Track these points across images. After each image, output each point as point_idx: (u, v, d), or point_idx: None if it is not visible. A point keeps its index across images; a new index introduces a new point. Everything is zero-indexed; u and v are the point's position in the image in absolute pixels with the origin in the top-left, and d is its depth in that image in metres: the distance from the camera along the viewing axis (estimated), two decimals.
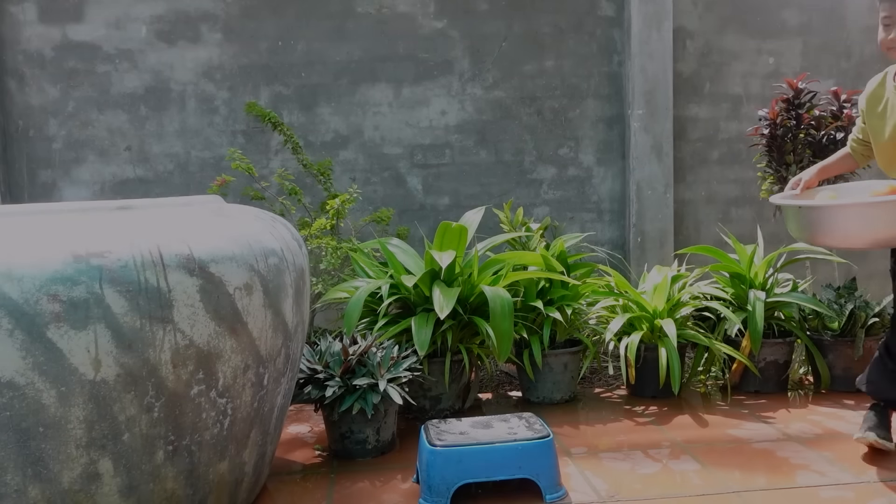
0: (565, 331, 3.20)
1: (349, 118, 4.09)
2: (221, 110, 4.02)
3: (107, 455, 1.70)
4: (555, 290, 3.16)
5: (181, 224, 1.85)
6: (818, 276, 4.19)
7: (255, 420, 2.01)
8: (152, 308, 1.69)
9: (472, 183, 4.18)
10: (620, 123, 4.24)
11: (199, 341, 1.77)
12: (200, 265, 1.78)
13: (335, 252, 3.37)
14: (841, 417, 2.87)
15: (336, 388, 2.45)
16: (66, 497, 1.68)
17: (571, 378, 3.18)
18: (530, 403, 3.17)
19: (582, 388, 3.40)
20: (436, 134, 4.15)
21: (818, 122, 3.42)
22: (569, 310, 3.12)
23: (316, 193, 3.95)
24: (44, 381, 1.60)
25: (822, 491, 2.20)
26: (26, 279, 1.58)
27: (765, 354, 3.20)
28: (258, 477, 2.17)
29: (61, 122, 3.96)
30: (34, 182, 3.97)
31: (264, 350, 1.96)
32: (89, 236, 1.70)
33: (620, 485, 2.28)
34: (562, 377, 3.14)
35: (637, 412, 3.02)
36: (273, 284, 1.97)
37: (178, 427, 1.79)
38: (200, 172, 4.02)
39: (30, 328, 1.58)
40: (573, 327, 3.23)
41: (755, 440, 2.65)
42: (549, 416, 2.96)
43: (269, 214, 2.24)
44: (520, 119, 4.18)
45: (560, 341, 3.21)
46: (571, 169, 4.25)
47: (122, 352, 1.66)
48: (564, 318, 3.10)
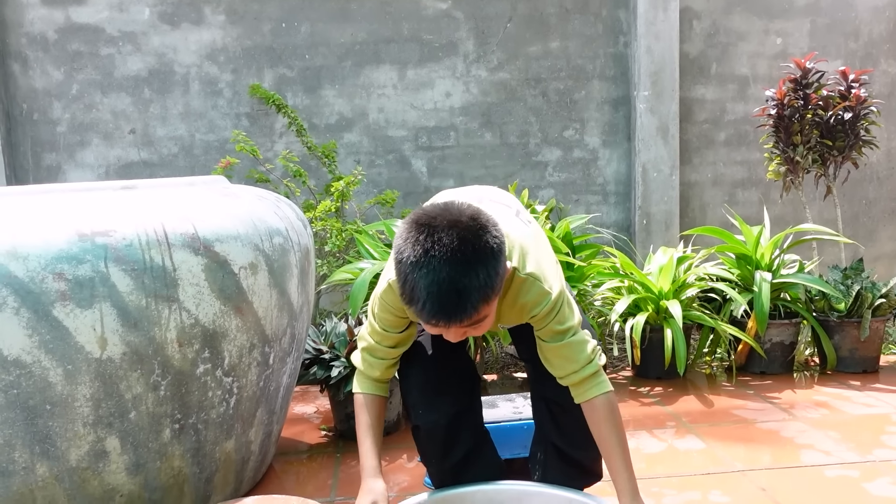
0: None
1: (353, 100, 4.07)
2: (225, 93, 4.01)
3: (114, 433, 1.71)
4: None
5: (185, 203, 1.85)
6: (825, 257, 4.17)
7: (261, 399, 2.02)
8: (157, 287, 1.69)
9: (476, 165, 4.17)
10: (626, 105, 4.21)
11: (204, 320, 1.77)
12: (205, 244, 1.77)
13: (340, 234, 3.36)
14: (847, 398, 2.87)
15: (342, 369, 2.45)
16: (73, 474, 1.69)
17: None
18: None
19: None
20: (440, 116, 4.13)
21: (826, 103, 3.40)
22: (574, 291, 3.11)
23: (320, 176, 3.95)
24: (50, 359, 1.60)
25: (828, 470, 2.20)
26: (32, 258, 1.59)
27: (770, 335, 3.20)
28: (264, 456, 2.18)
29: (65, 106, 3.95)
30: (39, 165, 3.97)
31: (270, 330, 1.96)
32: (94, 215, 1.70)
33: None
34: None
35: (642, 393, 3.02)
36: (278, 264, 1.97)
37: (184, 405, 1.79)
38: (205, 155, 4.02)
39: (36, 306, 1.58)
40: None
41: (760, 420, 2.65)
42: None
43: (273, 195, 2.24)
44: (525, 101, 4.16)
45: None
46: (577, 151, 4.23)
47: (128, 330, 1.67)
48: None
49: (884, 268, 4.42)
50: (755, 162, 4.28)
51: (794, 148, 3.45)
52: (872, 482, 2.10)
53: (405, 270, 1.29)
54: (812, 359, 3.43)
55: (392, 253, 1.35)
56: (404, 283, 1.30)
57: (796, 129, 3.43)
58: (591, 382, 1.53)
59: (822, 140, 3.42)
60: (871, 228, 4.44)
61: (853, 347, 3.18)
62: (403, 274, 1.30)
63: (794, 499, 2.01)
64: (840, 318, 3.19)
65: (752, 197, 4.34)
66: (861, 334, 3.14)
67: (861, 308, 3.17)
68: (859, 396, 2.88)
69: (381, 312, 1.58)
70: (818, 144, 3.43)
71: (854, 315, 3.18)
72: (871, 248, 4.41)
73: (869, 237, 4.42)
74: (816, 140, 3.42)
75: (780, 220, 4.22)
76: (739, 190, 4.34)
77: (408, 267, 1.28)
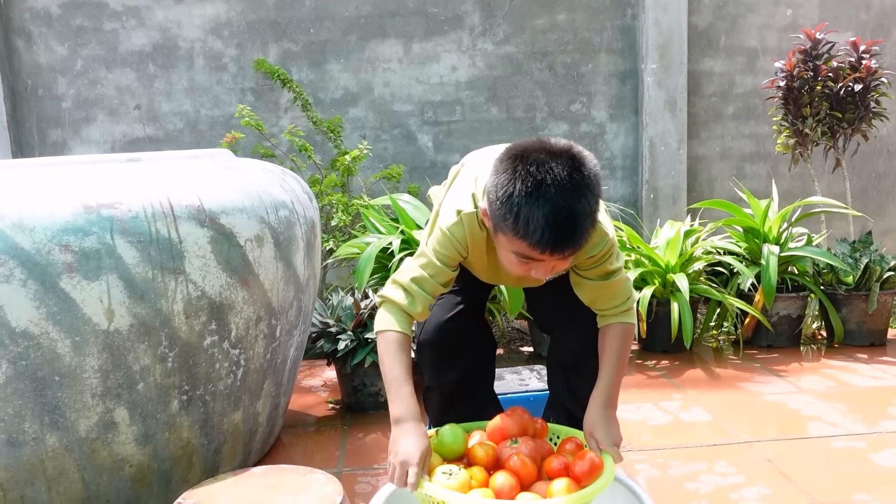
0: None
1: (359, 75, 4.05)
2: (230, 68, 3.99)
3: (122, 404, 1.72)
4: None
5: (191, 176, 1.85)
6: (833, 231, 4.15)
7: (268, 371, 2.03)
8: (164, 259, 1.69)
9: (483, 140, 4.15)
10: (634, 78, 4.18)
11: (211, 292, 1.78)
12: (211, 216, 1.77)
13: (346, 209, 3.36)
14: (854, 371, 2.87)
15: (348, 342, 2.46)
16: (83, 445, 1.71)
17: None
18: (542, 359, 3.18)
19: None
20: (446, 90, 4.11)
21: (836, 74, 3.36)
22: None
23: (326, 152, 3.94)
24: (58, 330, 1.61)
25: (834, 441, 2.21)
26: (38, 230, 1.59)
27: (778, 309, 3.19)
28: (272, 428, 2.19)
29: (70, 81, 3.94)
30: (44, 142, 3.97)
31: (276, 302, 1.97)
32: (99, 188, 1.70)
33: (632, 436, 2.29)
34: None
35: (648, 366, 3.03)
36: (284, 237, 1.96)
37: (191, 377, 1.80)
38: (210, 131, 4.01)
39: (43, 278, 1.58)
40: None
41: (766, 393, 2.65)
42: None
43: (278, 168, 2.23)
44: (531, 74, 4.13)
45: None
46: (584, 125, 4.20)
47: (135, 302, 1.67)
48: None
49: (893, 242, 4.39)
50: (764, 135, 4.25)
51: (804, 120, 3.42)
52: (879, 453, 2.11)
53: (517, 203, 1.29)
54: (819, 332, 3.42)
55: (491, 191, 1.36)
56: (517, 216, 1.30)
57: (806, 101, 3.40)
58: (623, 316, 1.63)
59: (831, 112, 3.38)
60: (880, 202, 4.41)
61: (861, 321, 3.18)
62: (515, 207, 1.30)
63: (801, 469, 2.02)
64: (848, 292, 3.18)
65: (761, 171, 4.31)
66: (869, 307, 3.13)
67: (869, 281, 3.15)
68: (866, 369, 2.88)
69: (443, 248, 1.55)
70: (827, 117, 3.40)
71: (862, 288, 3.17)
72: (880, 222, 4.38)
73: (878, 211, 4.39)
74: (826, 112, 3.39)
75: (788, 194, 4.19)
76: (748, 164, 4.31)
77: (520, 199, 1.29)
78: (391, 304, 1.58)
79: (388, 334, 1.55)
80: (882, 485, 1.91)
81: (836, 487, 1.89)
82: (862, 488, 1.89)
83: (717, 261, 3.27)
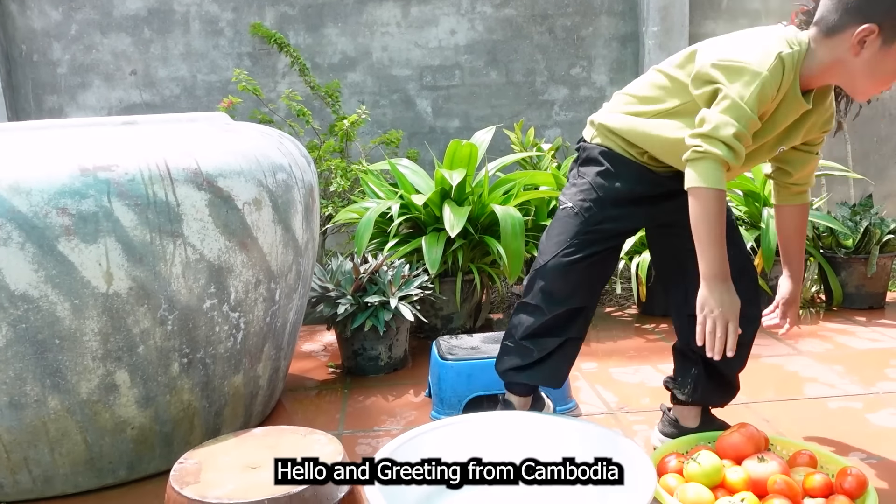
0: None
1: (357, 39, 4.01)
2: (227, 32, 3.94)
3: (123, 367, 1.73)
4: None
5: (187, 139, 1.84)
6: (834, 194, 4.14)
7: (268, 335, 2.03)
8: (161, 222, 1.69)
9: (482, 105, 4.12)
10: (634, 41, 4.13)
11: (209, 255, 1.78)
12: (208, 179, 1.76)
13: (345, 174, 3.35)
14: (852, 333, 2.88)
15: (348, 306, 2.46)
16: (84, 407, 1.72)
17: None
18: None
19: None
20: (445, 55, 4.07)
21: None
22: None
23: (324, 117, 3.91)
24: (57, 293, 1.61)
25: (831, 402, 2.22)
26: (34, 192, 1.58)
27: (777, 272, 3.19)
28: (273, 391, 2.21)
29: (65, 46, 3.90)
30: (40, 108, 3.94)
31: (275, 265, 1.97)
32: (96, 150, 1.69)
33: (630, 398, 2.31)
34: None
35: (647, 330, 3.04)
36: (282, 200, 1.96)
37: (192, 340, 1.81)
38: (207, 97, 3.98)
39: (40, 241, 1.58)
40: None
41: (765, 355, 2.66)
42: None
43: (276, 131, 2.22)
44: (531, 38, 4.08)
45: None
46: (584, 89, 4.17)
47: (134, 265, 1.67)
48: None
49: (893, 206, 4.38)
50: None
51: None
52: (875, 413, 2.12)
53: None
54: (818, 295, 3.43)
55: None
56: None
57: None
58: (807, 193, 1.76)
59: None
60: (881, 166, 4.39)
61: (860, 284, 3.18)
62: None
63: (798, 429, 2.03)
64: (847, 255, 3.18)
65: None
66: (868, 270, 3.13)
67: (869, 244, 3.15)
68: (864, 332, 2.89)
69: (756, 95, 1.43)
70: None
71: (861, 252, 3.17)
72: (881, 186, 4.36)
73: (879, 175, 4.37)
74: None
75: None
76: None
77: None
78: (713, 158, 1.45)
79: (713, 192, 1.46)
80: (877, 443, 1.93)
81: (833, 446, 1.91)
82: (858, 447, 1.91)
83: None
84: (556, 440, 1.68)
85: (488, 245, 2.85)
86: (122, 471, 1.83)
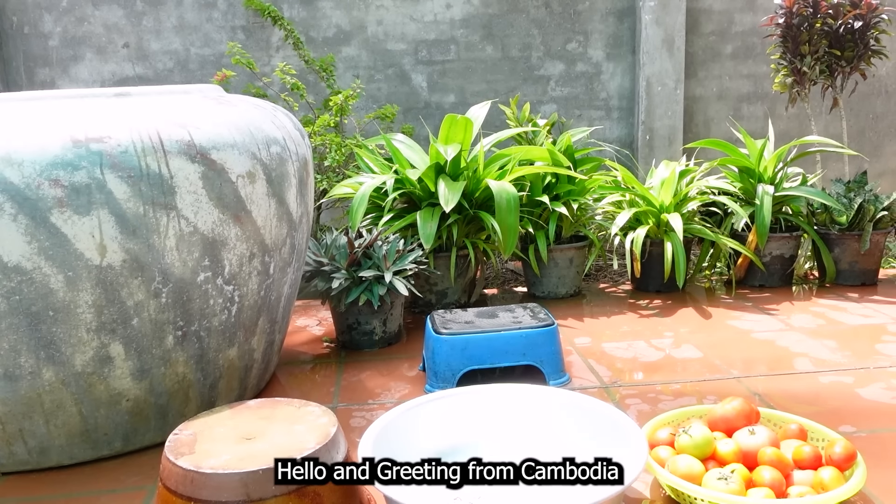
0: (571, 226, 3.20)
1: (351, 12, 3.97)
2: (220, 4, 3.90)
3: (117, 339, 1.73)
4: (561, 186, 3.14)
5: (180, 110, 1.82)
6: (828, 171, 4.14)
7: (263, 308, 2.04)
8: (155, 194, 1.68)
9: (478, 80, 4.10)
10: (631, 16, 4.11)
11: (203, 228, 1.77)
12: (201, 151, 1.75)
13: (339, 149, 3.33)
14: (844, 309, 2.89)
15: (342, 280, 2.46)
16: (79, 379, 1.72)
17: (577, 273, 3.19)
18: (535, 298, 3.20)
19: (587, 284, 3.42)
20: (441, 29, 4.03)
21: (836, 11, 3.30)
22: (575, 205, 3.11)
23: (319, 92, 3.88)
24: (50, 265, 1.61)
25: (822, 376, 2.24)
26: (26, 164, 1.57)
27: (771, 249, 3.20)
28: (267, 364, 2.21)
29: (56, 18, 3.86)
30: (32, 80, 3.90)
31: (269, 239, 1.96)
32: (88, 122, 1.68)
33: (622, 372, 2.33)
34: (567, 272, 3.16)
35: (641, 305, 3.05)
36: (276, 173, 1.95)
37: (186, 313, 1.81)
38: (200, 70, 3.95)
39: (33, 213, 1.57)
40: (579, 223, 3.23)
41: (757, 330, 2.68)
42: (555, 309, 2.99)
43: (269, 104, 2.20)
44: (527, 12, 4.05)
45: (566, 237, 3.21)
46: (580, 65, 4.14)
47: (127, 237, 1.66)
48: (570, 213, 3.09)
49: (888, 183, 4.38)
50: (762, 75, 4.20)
51: (802, 58, 3.37)
52: (866, 388, 2.14)
53: None
54: (812, 272, 3.44)
55: None
56: None
57: (804, 38, 3.35)
58: None
59: (830, 50, 3.34)
60: (876, 143, 4.39)
61: (853, 260, 3.19)
62: None
63: (788, 402, 2.05)
64: (841, 231, 3.19)
65: (758, 112, 4.27)
66: (861, 247, 3.14)
67: (862, 221, 3.16)
68: (857, 308, 2.90)
69: None
70: (826, 55, 3.35)
71: (855, 228, 3.18)
72: (876, 163, 4.37)
73: (874, 152, 4.37)
74: (825, 50, 3.34)
75: (784, 134, 4.17)
76: (745, 104, 4.27)
77: None
78: None
79: None
80: (867, 418, 1.94)
81: (823, 419, 1.93)
82: (847, 420, 1.93)
83: (711, 201, 3.27)
84: (549, 413, 1.69)
85: (483, 220, 2.85)
86: (117, 442, 1.84)
